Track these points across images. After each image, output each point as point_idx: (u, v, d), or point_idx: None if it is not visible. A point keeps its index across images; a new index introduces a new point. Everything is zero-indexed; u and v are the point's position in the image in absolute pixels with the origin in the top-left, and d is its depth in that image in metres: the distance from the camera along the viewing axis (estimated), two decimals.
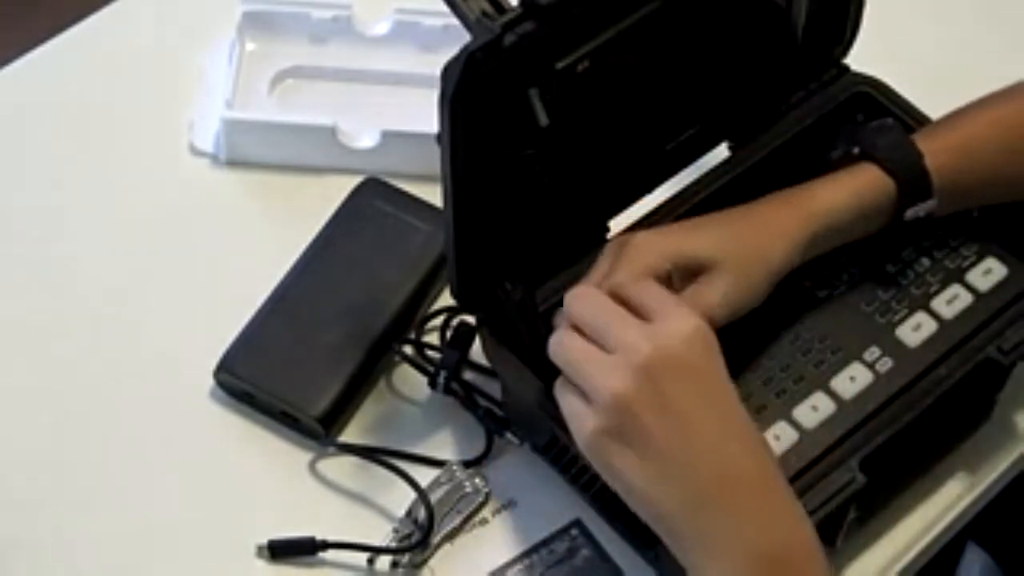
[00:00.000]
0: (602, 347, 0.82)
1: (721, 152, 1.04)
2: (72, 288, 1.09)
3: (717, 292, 0.90)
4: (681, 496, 0.81)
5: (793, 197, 0.95)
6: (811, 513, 0.88)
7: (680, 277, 0.90)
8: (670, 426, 0.80)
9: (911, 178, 0.94)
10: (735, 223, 0.93)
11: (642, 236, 0.91)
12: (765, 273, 0.92)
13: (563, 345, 0.84)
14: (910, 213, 0.95)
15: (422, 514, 0.97)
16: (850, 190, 0.94)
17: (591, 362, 0.82)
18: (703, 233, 0.92)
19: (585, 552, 0.98)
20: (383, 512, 0.99)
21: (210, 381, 1.04)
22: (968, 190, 0.97)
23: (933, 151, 0.95)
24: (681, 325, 0.82)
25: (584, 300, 0.85)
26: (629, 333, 0.82)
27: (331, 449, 1.01)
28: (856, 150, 0.96)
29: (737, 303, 0.91)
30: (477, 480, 0.99)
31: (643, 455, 0.81)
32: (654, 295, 0.85)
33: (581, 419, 0.83)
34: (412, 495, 0.98)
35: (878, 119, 0.98)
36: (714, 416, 0.81)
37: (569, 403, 0.83)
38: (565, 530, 0.98)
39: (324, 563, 0.98)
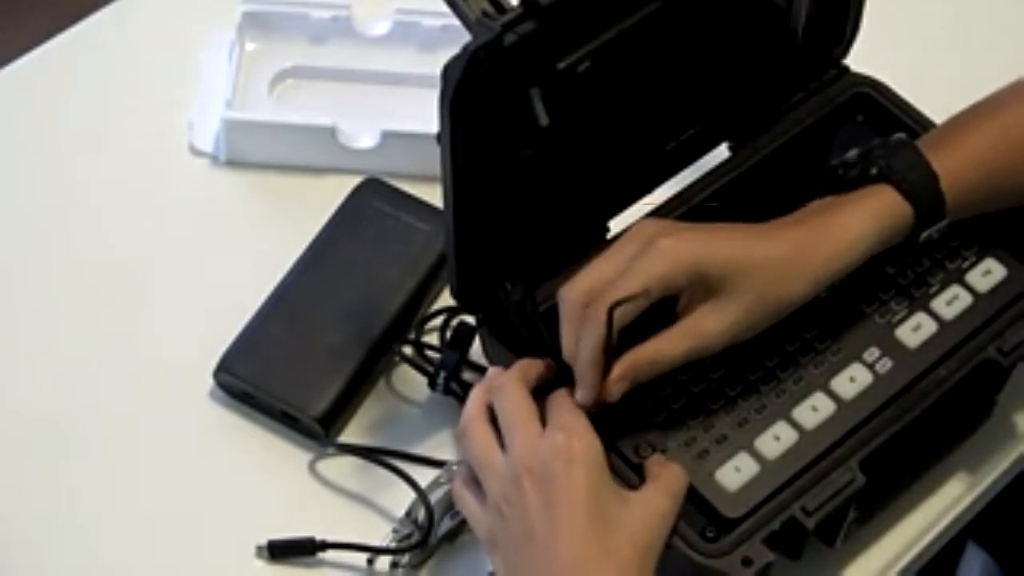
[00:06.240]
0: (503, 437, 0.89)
1: (721, 152, 1.04)
2: (72, 288, 1.09)
3: (722, 323, 0.89)
4: None
5: (820, 229, 0.92)
6: (811, 513, 0.89)
7: (691, 293, 0.90)
8: (519, 528, 0.86)
9: (928, 202, 0.93)
10: (761, 246, 0.91)
11: (665, 242, 0.89)
12: (780, 310, 0.91)
13: (468, 437, 0.90)
14: (924, 235, 0.94)
15: (422, 514, 0.97)
16: (872, 219, 0.92)
17: (486, 467, 0.89)
18: (727, 248, 0.90)
19: None
20: (383, 512, 0.99)
21: (210, 381, 1.04)
22: (978, 202, 0.96)
23: (947, 170, 0.93)
24: (557, 440, 0.87)
25: (505, 395, 0.90)
26: (518, 440, 0.88)
27: (331, 449, 1.01)
28: (874, 171, 0.93)
29: (742, 335, 0.90)
30: None
31: (505, 554, 0.88)
32: (559, 409, 0.89)
33: (476, 521, 0.90)
34: (412, 495, 0.98)
35: (895, 134, 0.96)
36: (557, 528, 0.85)
37: (465, 503, 0.91)
38: None
39: (324, 563, 0.98)
